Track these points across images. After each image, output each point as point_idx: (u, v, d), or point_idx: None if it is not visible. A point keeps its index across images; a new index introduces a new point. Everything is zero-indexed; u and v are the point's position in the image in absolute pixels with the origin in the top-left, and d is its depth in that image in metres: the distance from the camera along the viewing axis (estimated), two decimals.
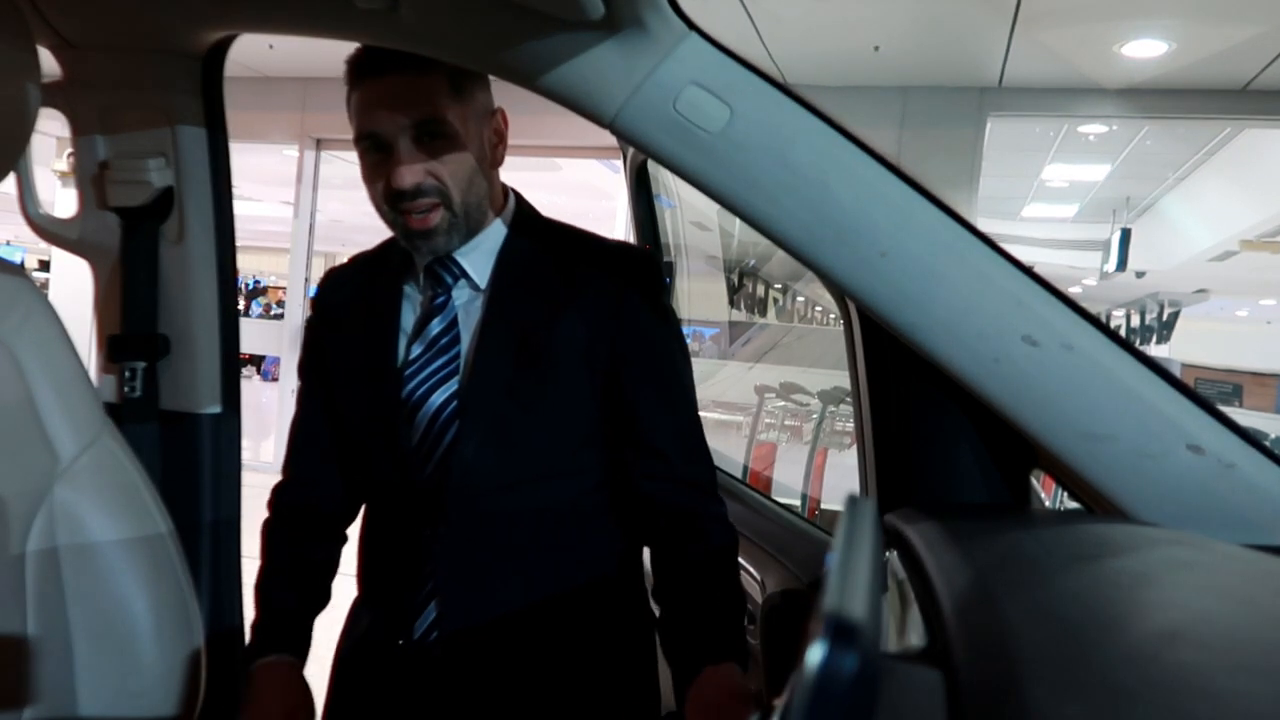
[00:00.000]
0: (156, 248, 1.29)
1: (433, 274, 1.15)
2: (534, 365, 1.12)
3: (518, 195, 1.22)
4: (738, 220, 0.98)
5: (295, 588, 1.23)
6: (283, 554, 1.25)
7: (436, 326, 1.15)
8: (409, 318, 1.18)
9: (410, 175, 1.06)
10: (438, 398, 1.13)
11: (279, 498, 1.27)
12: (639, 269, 1.17)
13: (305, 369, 1.28)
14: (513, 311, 1.14)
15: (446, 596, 1.14)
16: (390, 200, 1.08)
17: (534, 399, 1.13)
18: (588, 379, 1.14)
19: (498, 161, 1.16)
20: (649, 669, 1.23)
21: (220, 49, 1.26)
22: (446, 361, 1.14)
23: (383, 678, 1.18)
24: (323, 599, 1.26)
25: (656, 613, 1.20)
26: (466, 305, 1.16)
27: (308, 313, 1.29)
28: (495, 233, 1.17)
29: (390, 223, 1.12)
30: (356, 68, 1.08)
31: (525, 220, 1.20)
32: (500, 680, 1.14)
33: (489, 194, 1.15)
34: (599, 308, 1.13)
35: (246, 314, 12.09)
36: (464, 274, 1.15)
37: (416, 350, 1.15)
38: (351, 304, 1.22)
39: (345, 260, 1.31)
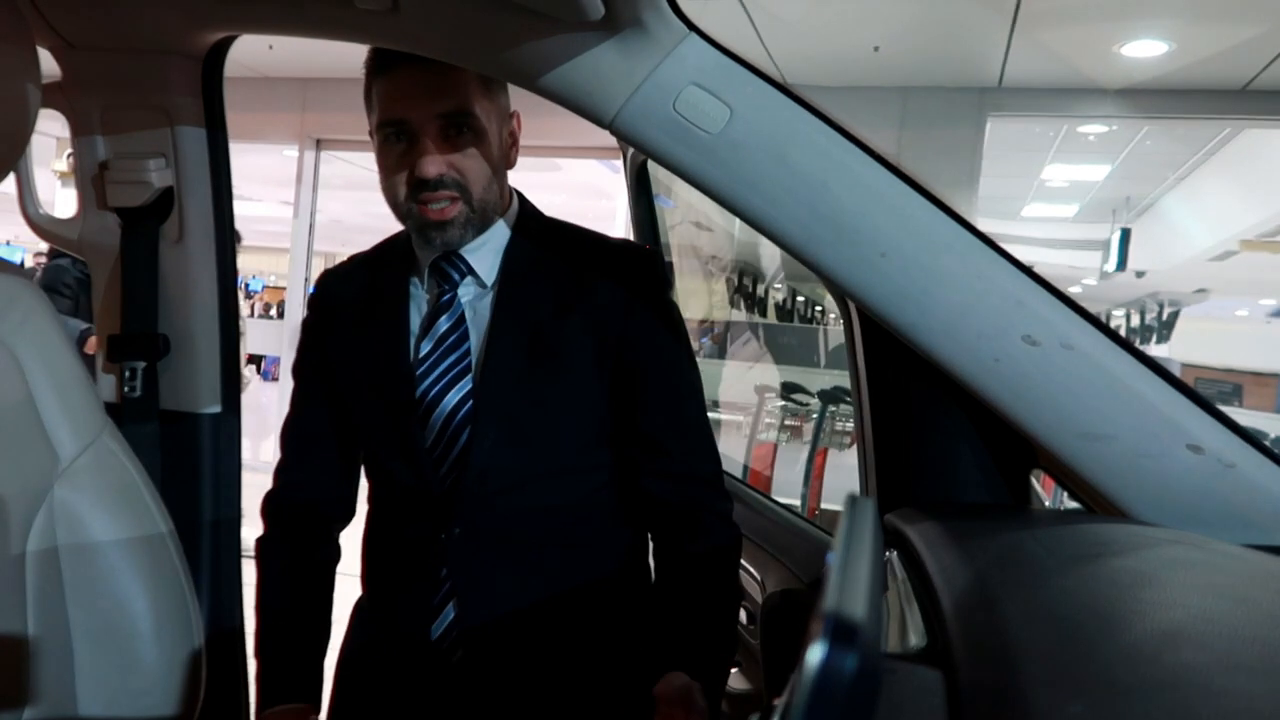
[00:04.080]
0: (156, 248, 1.30)
1: (439, 271, 1.15)
2: (545, 361, 1.12)
3: (520, 195, 1.23)
4: (738, 220, 0.98)
5: (302, 627, 1.21)
6: (285, 586, 1.22)
7: (445, 323, 1.15)
8: (415, 315, 1.17)
9: (434, 165, 1.07)
10: (453, 397, 1.13)
11: (277, 507, 1.24)
12: (642, 267, 1.18)
13: (301, 370, 1.25)
14: (522, 308, 1.14)
15: (464, 598, 1.13)
16: (411, 190, 1.09)
17: (547, 395, 1.13)
18: (596, 375, 1.14)
19: (511, 163, 1.17)
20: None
21: (220, 49, 1.26)
22: (458, 359, 1.14)
23: (397, 680, 1.17)
24: (327, 631, 1.24)
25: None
26: (473, 303, 1.16)
27: (305, 313, 1.27)
28: (500, 231, 1.17)
29: (404, 213, 1.12)
30: (386, 54, 1.08)
31: (529, 219, 1.20)
32: (520, 679, 1.14)
33: (501, 193, 1.16)
34: (605, 305, 1.14)
35: (268, 315, 12.02)
36: (471, 271, 1.15)
37: (426, 347, 1.15)
38: (353, 303, 1.21)
39: (342, 260, 1.30)
